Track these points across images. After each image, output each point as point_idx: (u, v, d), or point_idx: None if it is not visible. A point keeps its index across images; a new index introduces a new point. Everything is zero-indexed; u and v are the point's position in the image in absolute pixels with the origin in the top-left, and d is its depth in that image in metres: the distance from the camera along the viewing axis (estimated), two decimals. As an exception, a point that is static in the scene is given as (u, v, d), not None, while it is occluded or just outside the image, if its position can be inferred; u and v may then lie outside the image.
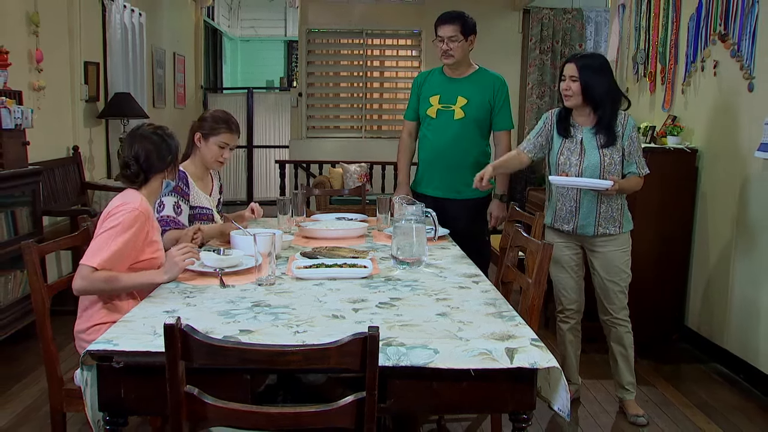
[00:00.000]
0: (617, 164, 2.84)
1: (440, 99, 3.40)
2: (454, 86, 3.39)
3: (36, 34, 4.33)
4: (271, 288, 2.05)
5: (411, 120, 3.57)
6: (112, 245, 2.07)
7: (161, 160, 2.28)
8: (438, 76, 3.48)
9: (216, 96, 9.86)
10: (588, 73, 2.75)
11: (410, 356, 1.53)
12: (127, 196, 2.21)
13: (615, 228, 2.90)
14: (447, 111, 3.38)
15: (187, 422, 1.39)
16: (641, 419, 2.96)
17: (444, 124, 3.38)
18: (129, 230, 2.10)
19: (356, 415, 1.36)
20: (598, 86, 2.75)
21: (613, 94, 2.79)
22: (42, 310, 2.06)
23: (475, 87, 3.38)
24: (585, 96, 2.77)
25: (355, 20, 7.79)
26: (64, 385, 2.11)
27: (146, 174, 2.26)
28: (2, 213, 3.58)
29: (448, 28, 3.29)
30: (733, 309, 3.58)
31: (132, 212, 2.13)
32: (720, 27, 3.71)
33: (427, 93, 3.45)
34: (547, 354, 1.56)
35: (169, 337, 1.33)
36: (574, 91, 2.77)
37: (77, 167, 4.93)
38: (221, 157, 2.84)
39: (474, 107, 3.35)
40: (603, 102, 2.77)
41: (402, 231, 2.33)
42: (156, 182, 2.30)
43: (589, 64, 2.77)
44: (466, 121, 3.35)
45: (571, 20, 7.41)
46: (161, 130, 2.33)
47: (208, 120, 2.85)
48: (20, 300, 3.63)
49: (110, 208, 2.18)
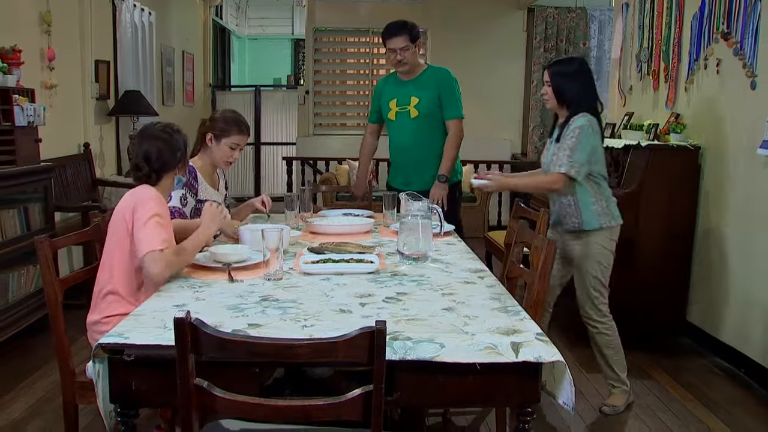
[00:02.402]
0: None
1: (397, 102, 3.66)
2: (406, 88, 3.63)
3: (48, 33, 4.38)
4: (279, 283, 2.07)
5: (372, 122, 3.91)
6: (160, 229, 2.15)
7: (171, 158, 2.33)
8: (393, 80, 3.75)
9: (224, 94, 9.90)
10: (558, 79, 2.91)
11: (417, 350, 1.55)
12: (143, 191, 2.25)
13: (574, 224, 2.94)
14: (403, 112, 3.64)
15: (196, 414, 1.42)
16: (606, 408, 3.02)
17: (403, 124, 3.64)
18: (164, 214, 2.22)
19: (363, 407, 1.38)
20: (568, 90, 2.89)
21: (584, 96, 2.90)
22: (54, 304, 2.09)
23: (424, 85, 3.60)
24: (558, 99, 2.92)
25: (361, 19, 7.81)
26: (76, 377, 2.14)
27: (158, 173, 2.31)
28: (15, 209, 3.63)
29: (398, 39, 3.51)
30: (734, 304, 3.60)
31: (155, 199, 2.22)
32: (723, 25, 3.71)
33: (386, 98, 3.72)
34: (551, 348, 1.58)
35: (179, 330, 1.35)
36: (549, 95, 2.95)
37: (88, 164, 4.98)
38: (231, 158, 2.89)
39: (425, 104, 3.58)
40: (573, 104, 2.89)
41: (408, 227, 2.35)
42: (168, 179, 2.36)
43: (561, 70, 2.93)
44: (421, 118, 3.59)
45: (575, 19, 7.40)
46: (169, 128, 2.37)
47: (219, 121, 2.87)
48: (33, 294, 3.69)
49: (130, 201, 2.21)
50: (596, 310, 2.98)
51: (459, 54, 7.13)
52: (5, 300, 3.47)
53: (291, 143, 9.16)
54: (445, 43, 7.45)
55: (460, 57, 6.93)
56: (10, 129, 3.49)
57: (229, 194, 3.15)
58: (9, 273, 3.53)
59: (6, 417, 2.87)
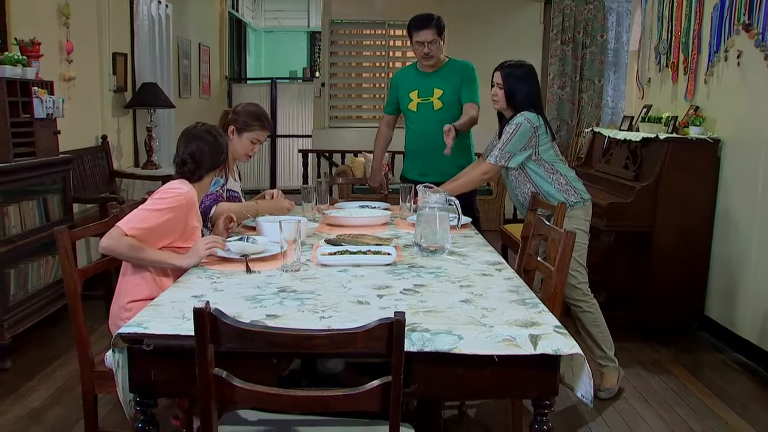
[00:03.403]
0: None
1: (419, 93, 3.65)
2: (430, 80, 3.64)
3: (66, 26, 4.41)
4: (297, 274, 2.08)
5: (389, 114, 3.90)
6: (149, 220, 2.16)
7: (215, 159, 2.40)
8: (413, 72, 3.74)
9: (240, 86, 9.93)
10: (511, 81, 2.98)
11: (435, 342, 1.55)
12: (178, 183, 2.30)
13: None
14: (426, 103, 3.64)
15: (215, 404, 1.42)
16: (602, 393, 3.05)
17: (425, 115, 3.64)
18: (170, 212, 2.20)
19: (382, 399, 1.38)
20: (519, 92, 2.99)
21: (532, 100, 3.03)
22: (74, 294, 2.11)
23: (447, 77, 3.62)
24: (508, 101, 3.02)
25: (377, 11, 7.78)
26: (95, 367, 2.16)
27: (201, 172, 2.37)
28: (34, 200, 3.67)
29: (427, 32, 3.53)
30: (753, 299, 3.56)
31: (178, 197, 2.23)
32: (744, 17, 3.65)
33: (405, 90, 3.71)
34: (570, 341, 1.57)
35: (198, 320, 1.35)
36: (499, 96, 3.03)
37: (106, 156, 5.02)
38: (251, 152, 2.92)
39: (449, 96, 3.60)
40: (522, 106, 2.99)
41: (425, 219, 2.34)
42: (208, 179, 2.43)
43: (513, 73, 3.01)
44: (445, 109, 3.60)
45: (592, 11, 7.31)
46: (215, 131, 2.44)
47: (242, 114, 2.87)
48: (52, 284, 3.73)
49: (160, 187, 2.28)
50: (575, 289, 3.03)
51: (475, 46, 7.08)
52: (25, 290, 3.51)
53: (307, 136, 9.18)
54: (462, 35, 7.39)
55: (476, 49, 6.87)
56: (29, 121, 3.53)
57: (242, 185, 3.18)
58: (29, 263, 3.57)
59: (26, 406, 2.91)
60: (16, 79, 3.42)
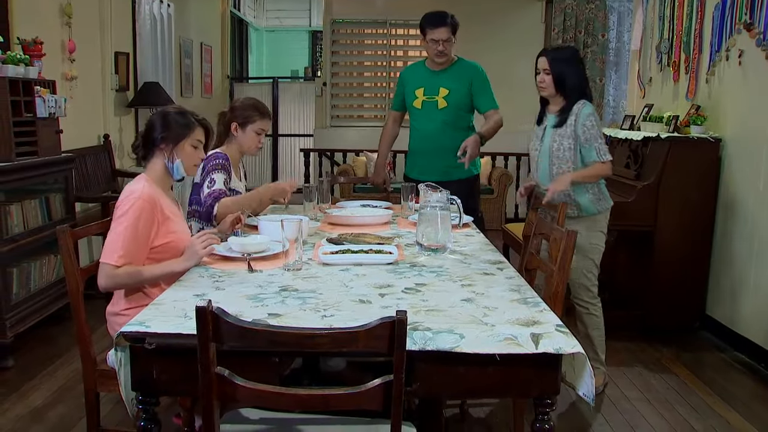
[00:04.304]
0: (566, 150, 2.96)
1: (424, 91, 3.61)
2: (436, 78, 3.59)
3: (69, 25, 4.42)
4: (299, 273, 2.08)
5: (396, 110, 3.86)
6: (126, 239, 2.09)
7: (151, 137, 2.27)
8: (422, 68, 3.69)
9: (242, 85, 9.94)
10: (559, 65, 2.92)
11: (436, 341, 1.55)
12: (132, 185, 2.23)
13: (572, 211, 2.98)
14: (431, 102, 3.60)
15: (217, 403, 1.42)
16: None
17: (429, 114, 3.60)
18: (137, 221, 2.12)
19: (383, 397, 1.38)
20: (569, 77, 2.92)
21: (582, 85, 2.96)
22: (76, 293, 2.12)
23: (455, 77, 3.57)
24: (557, 87, 2.94)
25: (379, 11, 7.78)
26: (98, 365, 2.16)
27: (146, 151, 2.29)
28: (37, 199, 3.68)
29: (442, 30, 3.48)
30: (754, 298, 3.56)
31: (135, 202, 2.13)
32: (745, 16, 3.65)
33: (412, 86, 3.67)
34: (571, 340, 1.57)
35: (200, 319, 1.36)
36: (548, 83, 2.94)
37: (108, 155, 5.03)
38: (259, 143, 2.94)
39: (455, 96, 3.56)
40: (573, 91, 2.92)
41: (427, 218, 2.34)
42: (158, 162, 2.29)
43: (559, 57, 2.94)
44: (449, 109, 3.56)
45: (594, 10, 7.32)
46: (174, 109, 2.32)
47: (239, 109, 2.93)
48: (54, 283, 3.73)
49: (120, 196, 2.20)
50: (587, 291, 3.05)
51: (477, 45, 7.07)
52: (27, 289, 3.52)
53: (308, 135, 9.18)
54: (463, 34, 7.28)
55: (478, 48, 6.86)
56: (32, 120, 3.53)
57: (247, 185, 3.17)
58: (31, 262, 3.58)
59: (28, 404, 2.91)
60: (19, 78, 3.43)
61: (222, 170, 2.79)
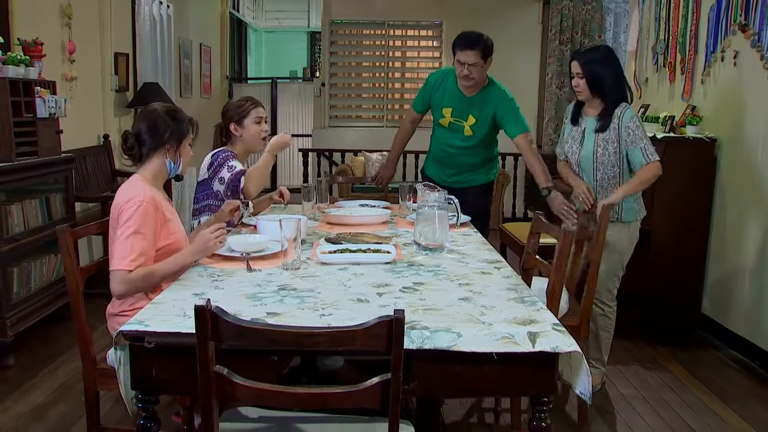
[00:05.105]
0: (611, 155, 2.93)
1: (452, 113, 3.50)
2: (467, 104, 3.46)
3: (69, 26, 4.43)
4: (297, 272, 2.09)
5: (418, 112, 3.71)
6: (136, 246, 2.08)
7: (156, 137, 2.25)
8: (453, 86, 3.49)
9: (241, 86, 9.95)
10: (592, 67, 2.86)
11: (434, 339, 1.56)
12: (130, 188, 2.20)
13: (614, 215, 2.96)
14: (458, 124, 3.51)
15: (216, 401, 1.43)
16: None
17: (455, 134, 3.53)
18: (145, 225, 2.12)
19: (381, 396, 1.39)
20: (603, 77, 2.86)
21: (620, 85, 2.90)
22: (76, 292, 2.12)
23: (482, 106, 3.45)
24: (592, 89, 2.89)
25: (377, 12, 7.80)
26: (98, 364, 2.17)
27: (142, 150, 2.26)
28: (37, 199, 3.69)
29: (470, 54, 3.27)
30: (749, 297, 3.58)
31: (140, 205, 2.12)
32: (740, 17, 3.67)
33: (440, 101, 3.53)
34: (568, 338, 1.58)
35: (199, 318, 1.37)
36: (582, 87, 2.89)
37: (107, 155, 5.04)
38: (263, 132, 2.98)
39: (481, 125, 3.47)
40: (609, 91, 2.87)
41: (425, 217, 2.36)
42: (157, 161, 2.28)
43: (593, 58, 2.87)
44: (473, 138, 3.51)
45: (590, 11, 7.33)
46: (168, 108, 2.31)
47: (231, 109, 3.00)
48: (54, 283, 3.74)
49: (119, 201, 2.16)
50: (609, 294, 3.07)
51: (475, 46, 7.10)
52: (28, 288, 3.53)
53: (307, 135, 9.19)
54: (462, 35, 7.42)
55: (476, 49, 6.90)
56: (32, 121, 3.54)
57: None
58: (31, 262, 3.59)
59: (28, 403, 2.93)
60: (19, 78, 3.44)
61: (235, 158, 2.89)
